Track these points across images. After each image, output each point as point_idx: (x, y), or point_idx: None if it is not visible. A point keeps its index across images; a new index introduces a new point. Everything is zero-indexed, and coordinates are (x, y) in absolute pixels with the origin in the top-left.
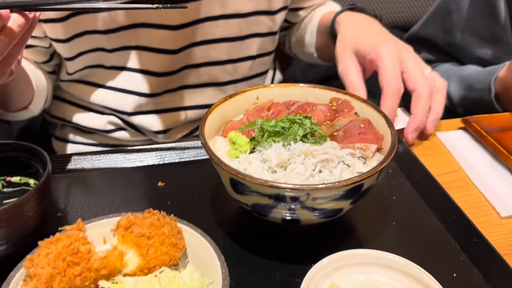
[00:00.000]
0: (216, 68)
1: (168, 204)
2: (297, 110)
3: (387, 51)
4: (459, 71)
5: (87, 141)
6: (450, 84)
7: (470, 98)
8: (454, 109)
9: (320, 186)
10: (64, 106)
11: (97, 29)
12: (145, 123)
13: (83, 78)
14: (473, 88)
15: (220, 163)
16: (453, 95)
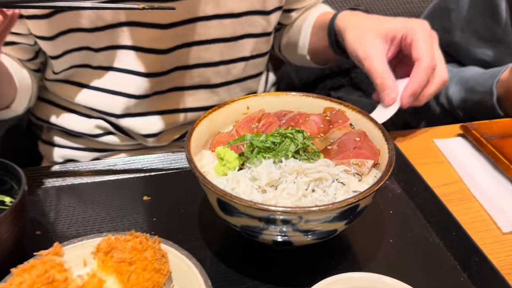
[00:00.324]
0: (208, 70)
1: (154, 221)
2: (289, 122)
3: (421, 27)
4: (460, 72)
5: (74, 145)
6: (450, 86)
7: (471, 101)
8: (454, 112)
9: (313, 209)
10: (50, 108)
11: (83, 27)
12: (134, 126)
13: (69, 78)
14: (474, 90)
15: (207, 183)
16: (453, 98)
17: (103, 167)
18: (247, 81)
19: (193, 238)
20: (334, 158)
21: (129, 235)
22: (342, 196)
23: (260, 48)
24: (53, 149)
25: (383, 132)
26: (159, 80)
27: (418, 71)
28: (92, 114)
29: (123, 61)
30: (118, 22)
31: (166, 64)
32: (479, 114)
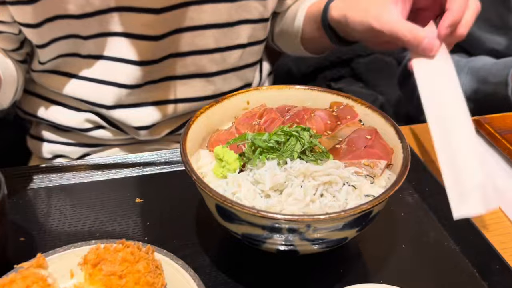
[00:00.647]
0: (203, 58)
1: (147, 225)
2: (293, 118)
3: None
4: (470, 62)
5: (63, 140)
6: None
7: (483, 93)
8: None
9: (323, 217)
10: (37, 102)
11: (71, 13)
12: (126, 118)
13: (57, 68)
14: (487, 81)
15: (205, 187)
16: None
17: (92, 166)
18: (245, 70)
19: (190, 244)
20: (344, 158)
21: (120, 244)
22: (353, 201)
23: (257, 35)
24: (42, 145)
25: (396, 129)
26: (151, 68)
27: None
28: (82, 107)
29: (114, 49)
30: (107, 7)
31: (159, 51)
32: (491, 107)
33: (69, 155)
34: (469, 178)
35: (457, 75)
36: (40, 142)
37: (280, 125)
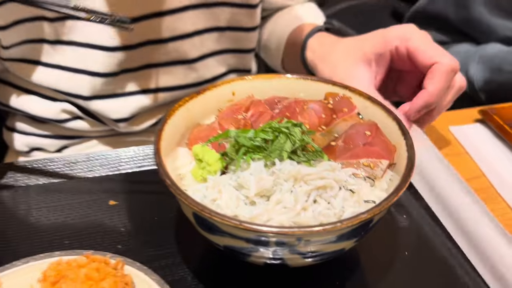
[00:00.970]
0: (184, 43)
1: (121, 231)
2: (283, 112)
3: (411, 30)
4: (481, 50)
5: (40, 132)
6: (470, 66)
7: (496, 82)
8: (475, 95)
9: (316, 229)
10: (12, 92)
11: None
12: (103, 110)
13: (26, 56)
14: (501, 70)
15: (180, 194)
16: (474, 79)
17: (61, 164)
18: (226, 56)
19: (168, 253)
20: (340, 157)
21: (85, 258)
22: (351, 208)
23: (239, 20)
24: (18, 137)
25: (399, 124)
26: (127, 55)
27: (437, 75)
28: (58, 97)
29: (83, 33)
30: None
31: (135, 37)
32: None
33: (47, 148)
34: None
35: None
36: (16, 135)
37: (269, 120)
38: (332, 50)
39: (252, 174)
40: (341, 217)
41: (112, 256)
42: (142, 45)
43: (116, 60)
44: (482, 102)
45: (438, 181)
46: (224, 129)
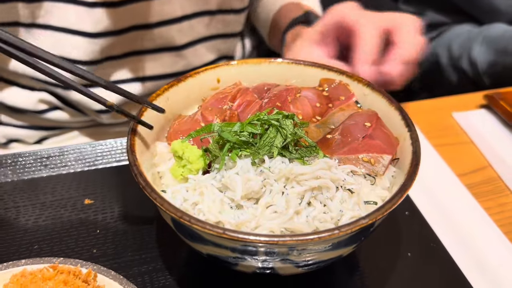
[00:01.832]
0: (171, 28)
1: (96, 234)
2: (273, 101)
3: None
4: (484, 31)
5: (18, 123)
6: (474, 47)
7: (502, 64)
8: (478, 79)
9: (311, 237)
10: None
11: None
12: (85, 100)
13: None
14: (508, 52)
15: (156, 199)
16: (478, 61)
17: (32, 159)
18: (216, 41)
19: (148, 258)
20: (337, 152)
21: (52, 269)
22: (350, 212)
23: (229, 2)
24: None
25: (402, 113)
26: (111, 41)
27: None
28: (35, 86)
29: (60, 17)
30: None
31: (119, 22)
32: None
33: (25, 139)
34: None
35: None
36: None
37: (258, 111)
38: (296, 40)
39: (239, 174)
40: (338, 222)
41: (84, 264)
42: (127, 30)
43: (98, 47)
44: (486, 86)
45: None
46: (208, 122)
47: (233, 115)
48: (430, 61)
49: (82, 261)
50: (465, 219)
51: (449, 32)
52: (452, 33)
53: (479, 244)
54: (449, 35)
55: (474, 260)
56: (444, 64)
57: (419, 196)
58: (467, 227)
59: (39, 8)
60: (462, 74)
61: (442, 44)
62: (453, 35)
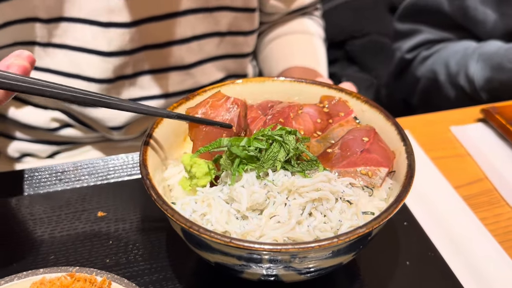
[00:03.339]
0: (181, 48)
1: (109, 245)
2: (276, 117)
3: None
4: (480, 48)
5: (31, 138)
6: (470, 65)
7: (498, 80)
8: (475, 95)
9: (312, 245)
10: None
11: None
12: (99, 117)
13: None
14: (503, 68)
15: (167, 210)
16: (475, 78)
17: (48, 174)
18: (225, 61)
19: (159, 267)
20: (336, 165)
21: (69, 277)
22: (349, 221)
23: (239, 25)
24: (10, 142)
25: (398, 128)
26: (124, 61)
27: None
28: (49, 105)
29: (77, 37)
30: None
31: (131, 42)
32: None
33: (38, 153)
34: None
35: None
36: (8, 140)
37: (262, 126)
38: None
39: (244, 187)
40: (338, 231)
41: (99, 272)
42: (139, 50)
43: (111, 66)
44: (483, 101)
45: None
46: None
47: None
48: (428, 78)
49: (97, 270)
50: (462, 229)
51: (446, 49)
52: (450, 50)
53: (475, 253)
54: (447, 52)
55: (470, 269)
56: (442, 80)
57: (417, 207)
58: (464, 237)
59: (56, 28)
60: (460, 90)
61: (440, 61)
62: (451, 52)
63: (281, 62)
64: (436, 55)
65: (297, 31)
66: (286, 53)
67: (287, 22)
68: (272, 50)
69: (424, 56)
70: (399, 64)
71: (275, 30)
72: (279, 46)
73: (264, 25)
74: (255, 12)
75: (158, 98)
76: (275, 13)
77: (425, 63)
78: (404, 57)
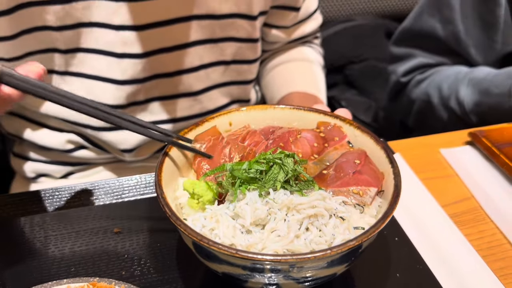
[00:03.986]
0: (190, 76)
1: (125, 258)
2: (277, 141)
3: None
4: (471, 73)
5: (46, 159)
6: (461, 89)
7: (486, 105)
8: (466, 117)
9: (308, 256)
10: (18, 122)
11: (50, 25)
12: (111, 140)
13: None
14: (490, 93)
15: (180, 224)
16: (465, 101)
17: (67, 193)
18: (230, 87)
19: (170, 279)
20: (331, 185)
21: (92, 286)
22: (341, 236)
23: (243, 54)
24: (26, 163)
25: (386, 152)
26: (136, 88)
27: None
28: (64, 128)
29: (93, 66)
30: (88, 21)
31: (142, 71)
32: (495, 119)
33: (53, 173)
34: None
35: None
36: (24, 161)
37: (264, 149)
38: None
39: (248, 204)
40: (331, 244)
41: (117, 283)
42: (150, 78)
43: (124, 93)
44: (473, 124)
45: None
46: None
47: (250, 152)
48: (423, 100)
49: (115, 281)
50: (448, 245)
51: (439, 74)
52: (442, 74)
53: (460, 267)
54: (440, 76)
55: (455, 280)
56: (436, 103)
57: (407, 223)
58: (449, 251)
59: (73, 58)
60: (452, 113)
61: (433, 84)
62: (443, 76)
63: (282, 88)
64: (430, 79)
65: (298, 58)
66: (287, 79)
67: (288, 50)
68: (273, 77)
69: (419, 80)
70: (395, 87)
71: (277, 57)
72: (280, 73)
73: (267, 53)
74: (258, 42)
75: (167, 123)
76: (276, 42)
77: (420, 86)
78: (399, 80)
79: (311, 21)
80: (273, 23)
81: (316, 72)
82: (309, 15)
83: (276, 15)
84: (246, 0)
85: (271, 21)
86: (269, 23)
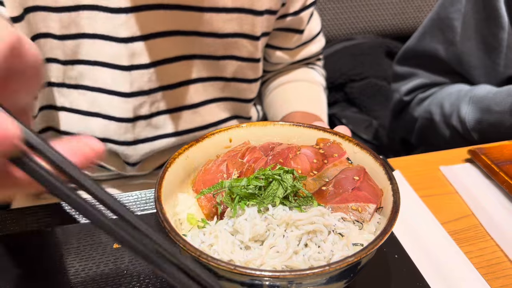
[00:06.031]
0: (190, 88)
1: (124, 274)
2: (276, 157)
3: None
4: (472, 91)
5: None
6: (462, 107)
7: (487, 122)
8: (468, 135)
9: (306, 273)
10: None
11: (52, 32)
12: (126, 153)
13: (45, 102)
14: (491, 110)
15: (179, 241)
16: (466, 119)
17: (68, 208)
18: (229, 103)
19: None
20: (330, 201)
21: None
22: (340, 252)
23: (244, 73)
24: None
25: (385, 169)
26: (142, 100)
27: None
28: None
29: (96, 78)
30: (92, 33)
31: (148, 82)
32: (496, 136)
33: None
34: None
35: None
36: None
37: (263, 165)
38: None
39: (247, 220)
40: (330, 260)
41: None
42: (155, 90)
43: (131, 106)
44: (475, 141)
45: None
46: (230, 173)
47: (249, 168)
48: (425, 118)
49: None
50: (448, 262)
51: (441, 92)
52: (444, 92)
53: (460, 284)
54: (442, 94)
55: None
56: (437, 120)
57: (407, 241)
58: (449, 269)
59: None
60: (454, 130)
61: (435, 102)
62: (445, 94)
63: (284, 107)
64: (432, 97)
65: (300, 79)
66: (290, 99)
67: (291, 71)
68: (276, 96)
69: (421, 98)
70: (398, 105)
71: (279, 78)
72: (282, 92)
73: (270, 73)
74: (259, 62)
75: (171, 136)
76: (280, 63)
77: (422, 104)
78: (402, 99)
79: (314, 43)
80: (277, 45)
81: (318, 93)
82: (312, 37)
83: (280, 37)
84: (250, 21)
85: (275, 43)
86: (273, 44)
